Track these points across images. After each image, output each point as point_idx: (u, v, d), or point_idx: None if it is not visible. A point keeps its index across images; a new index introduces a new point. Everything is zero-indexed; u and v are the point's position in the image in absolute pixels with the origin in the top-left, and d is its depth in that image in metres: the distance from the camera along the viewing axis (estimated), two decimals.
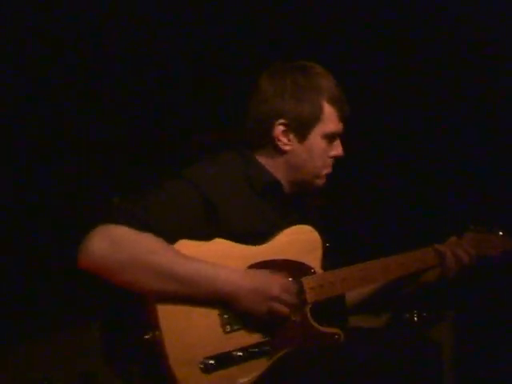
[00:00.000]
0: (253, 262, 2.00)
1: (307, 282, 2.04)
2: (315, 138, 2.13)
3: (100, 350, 2.00)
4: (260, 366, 1.94)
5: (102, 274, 1.87)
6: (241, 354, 1.91)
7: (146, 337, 1.85)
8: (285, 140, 2.12)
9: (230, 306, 1.92)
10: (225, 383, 1.90)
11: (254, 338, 1.95)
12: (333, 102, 2.13)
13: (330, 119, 2.13)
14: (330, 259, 2.14)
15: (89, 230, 1.88)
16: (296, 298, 2.00)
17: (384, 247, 2.22)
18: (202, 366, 1.86)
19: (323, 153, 2.14)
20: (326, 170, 2.17)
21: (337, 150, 2.17)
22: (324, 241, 2.12)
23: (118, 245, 1.86)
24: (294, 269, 2.04)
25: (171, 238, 1.91)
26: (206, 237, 1.97)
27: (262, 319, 1.95)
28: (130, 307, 1.92)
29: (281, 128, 2.12)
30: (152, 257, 1.87)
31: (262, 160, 2.16)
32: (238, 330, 1.94)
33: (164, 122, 3.34)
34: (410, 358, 2.07)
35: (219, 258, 1.95)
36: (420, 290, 2.32)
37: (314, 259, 2.08)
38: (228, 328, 1.92)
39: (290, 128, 2.12)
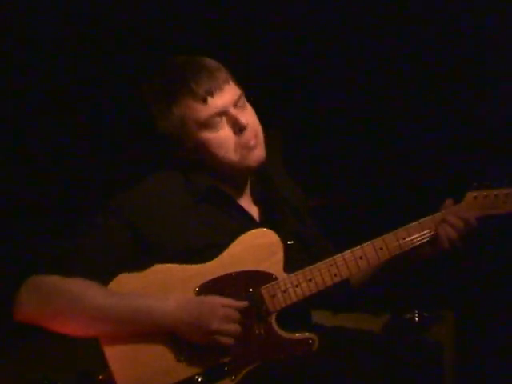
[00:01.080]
0: (203, 280, 1.90)
1: (267, 290, 1.93)
2: (195, 137, 1.98)
3: (100, 350, 2.00)
4: None
5: (37, 325, 1.87)
6: (200, 379, 1.85)
7: (100, 377, 1.89)
8: (184, 154, 2.02)
9: (176, 335, 1.86)
10: None
11: (211, 361, 1.88)
12: (179, 96, 1.95)
13: (189, 113, 1.96)
14: (299, 256, 2.04)
15: (20, 282, 1.86)
16: (239, 325, 1.88)
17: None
18: None
19: (217, 140, 1.97)
20: (245, 149, 1.97)
21: (234, 124, 1.96)
22: (285, 240, 1.99)
23: (46, 297, 1.84)
24: (251, 279, 1.93)
25: (108, 273, 1.87)
26: (146, 263, 1.89)
27: (210, 347, 1.87)
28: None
29: (171, 148, 2.02)
30: (82, 304, 1.83)
31: (194, 170, 2.04)
32: (192, 355, 1.86)
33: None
34: (410, 358, 2.06)
35: (163, 285, 1.88)
36: (420, 264, 2.11)
37: (274, 264, 1.95)
38: (181, 356, 1.86)
39: (175, 144, 2.01)
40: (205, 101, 1.94)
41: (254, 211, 2.10)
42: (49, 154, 3.16)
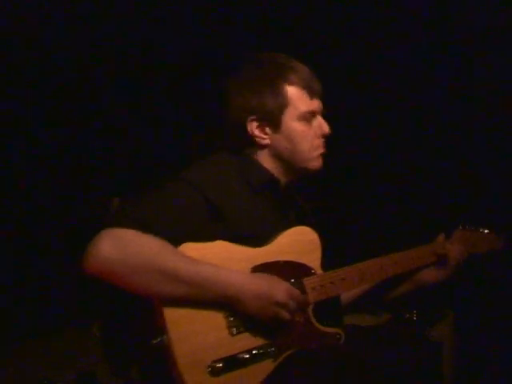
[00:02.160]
0: (256, 263, 1.99)
1: (308, 282, 2.04)
2: (290, 123, 2.10)
3: (100, 350, 2.00)
4: (266, 367, 1.94)
5: (109, 278, 1.85)
6: (247, 356, 1.91)
7: (154, 342, 1.84)
8: (262, 135, 2.11)
9: (235, 309, 1.91)
10: None
11: (260, 340, 1.95)
12: (296, 82, 2.09)
13: (298, 100, 2.10)
14: (327, 259, 2.13)
15: (93, 234, 1.85)
16: (300, 304, 1.99)
17: (379, 247, 2.23)
18: (210, 370, 1.86)
19: (305, 135, 2.11)
20: (317, 151, 2.14)
21: (320, 128, 2.13)
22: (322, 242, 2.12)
23: (124, 248, 1.84)
24: (295, 270, 2.04)
25: (174, 240, 1.90)
26: (209, 238, 1.95)
27: (267, 322, 1.94)
28: (134, 311, 1.91)
29: (253, 125, 2.10)
30: (159, 259, 1.85)
31: (254, 159, 2.14)
32: (244, 332, 1.93)
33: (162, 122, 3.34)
34: (410, 357, 2.07)
35: (223, 261, 1.94)
36: (419, 291, 2.33)
37: (313, 260, 2.08)
38: (234, 331, 1.92)
39: (261, 122, 2.10)
40: (311, 96, 2.11)
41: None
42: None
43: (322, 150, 2.14)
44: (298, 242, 2.08)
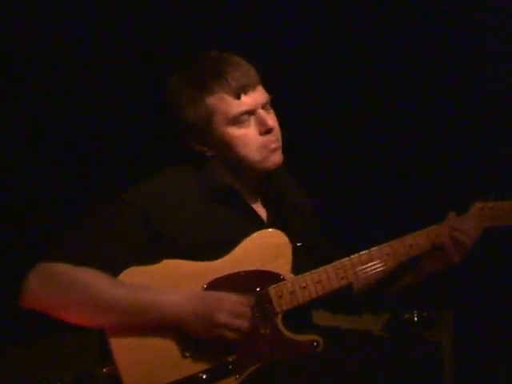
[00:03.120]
0: (211, 278, 1.90)
1: (274, 291, 1.94)
2: (222, 131, 1.98)
3: (100, 350, 2.00)
4: None
5: (44, 312, 1.86)
6: (205, 376, 1.85)
7: (105, 370, 1.84)
8: (202, 148, 2.02)
9: (182, 331, 1.86)
10: None
11: (217, 357, 1.87)
12: (213, 87, 1.96)
13: (222, 106, 1.96)
14: (305, 258, 2.04)
15: (28, 269, 1.85)
16: (247, 321, 1.88)
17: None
18: None
19: (242, 139, 1.97)
20: (266, 149, 1.99)
21: (261, 124, 1.99)
22: (294, 241, 2.01)
23: (54, 284, 1.83)
24: (260, 279, 1.94)
25: (116, 266, 1.86)
26: (158, 258, 1.89)
27: (216, 342, 1.86)
28: (95, 337, 1.91)
29: (190, 140, 2.02)
30: (90, 293, 1.83)
31: (209, 169, 2.04)
32: (198, 352, 1.86)
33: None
34: (410, 358, 2.06)
35: (175, 280, 1.88)
36: (428, 278, 2.16)
37: (282, 264, 1.96)
38: (187, 352, 1.86)
39: (196, 136, 2.00)
40: (238, 97, 1.96)
41: (262, 212, 2.10)
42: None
43: (272, 146, 2.00)
44: (263, 248, 1.96)
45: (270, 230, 2.00)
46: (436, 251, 2.09)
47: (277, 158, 2.02)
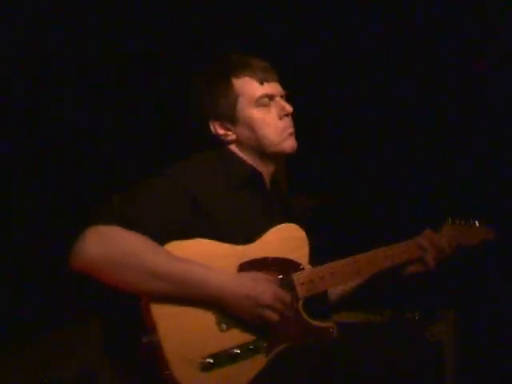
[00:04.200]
0: (243, 260, 2.00)
1: (297, 278, 2.06)
2: (246, 112, 2.14)
3: (100, 349, 2.00)
4: (258, 363, 1.95)
5: (95, 275, 1.88)
6: (238, 351, 1.93)
7: (144, 340, 1.86)
8: (226, 132, 2.15)
9: (221, 307, 1.93)
10: (225, 381, 1.90)
11: (250, 335, 1.96)
12: (240, 72, 2.14)
13: (248, 89, 2.14)
14: (315, 256, 2.15)
15: (80, 231, 1.88)
16: (287, 303, 2.00)
17: (368, 242, 2.22)
18: (200, 365, 1.87)
19: (264, 120, 2.14)
20: (285, 132, 2.16)
21: (281, 109, 2.16)
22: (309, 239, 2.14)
23: (109, 245, 1.87)
24: (284, 266, 2.06)
25: (159, 236, 1.91)
26: (194, 234, 1.96)
27: (254, 321, 1.95)
28: (125, 309, 1.93)
29: (215, 125, 2.15)
30: (144, 256, 1.87)
31: (234, 154, 2.17)
32: (234, 328, 1.94)
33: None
34: (410, 357, 2.07)
35: (209, 258, 1.95)
36: (403, 283, 2.31)
37: (301, 256, 2.10)
38: (223, 327, 1.93)
39: (221, 121, 2.14)
40: (261, 83, 2.14)
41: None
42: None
43: (289, 130, 2.17)
44: (286, 240, 2.10)
45: (291, 224, 2.12)
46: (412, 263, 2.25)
47: (293, 142, 2.17)
